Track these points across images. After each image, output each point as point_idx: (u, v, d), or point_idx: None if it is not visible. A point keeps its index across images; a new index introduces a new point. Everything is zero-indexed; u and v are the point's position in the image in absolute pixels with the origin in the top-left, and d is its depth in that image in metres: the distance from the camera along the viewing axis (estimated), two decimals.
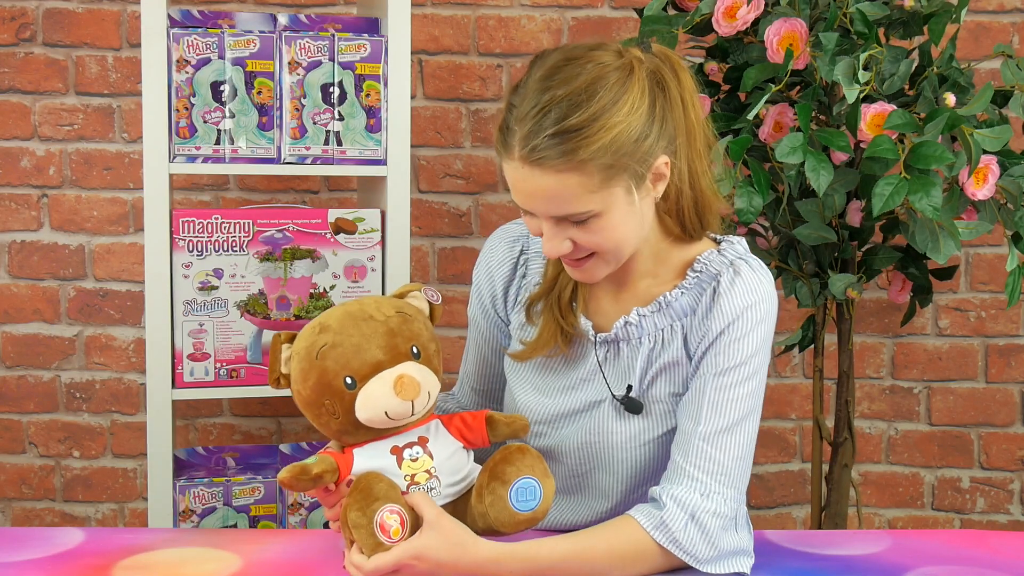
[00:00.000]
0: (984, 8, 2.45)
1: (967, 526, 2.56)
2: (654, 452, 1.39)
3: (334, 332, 1.24)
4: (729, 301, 1.34)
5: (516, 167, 1.25)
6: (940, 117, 1.69)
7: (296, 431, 2.48)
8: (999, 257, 2.49)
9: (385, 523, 1.19)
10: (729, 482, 1.31)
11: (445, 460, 1.27)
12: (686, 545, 1.28)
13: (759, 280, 1.36)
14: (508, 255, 1.50)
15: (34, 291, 2.42)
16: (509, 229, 1.53)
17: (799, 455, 2.57)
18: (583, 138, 1.22)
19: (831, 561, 1.35)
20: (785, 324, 2.52)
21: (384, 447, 1.26)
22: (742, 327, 1.33)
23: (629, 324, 1.39)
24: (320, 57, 1.94)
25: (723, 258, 1.38)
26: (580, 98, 1.23)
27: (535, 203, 1.27)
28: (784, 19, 1.77)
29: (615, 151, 1.23)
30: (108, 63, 2.38)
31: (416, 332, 1.27)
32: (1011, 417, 2.54)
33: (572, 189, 1.24)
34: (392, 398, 1.22)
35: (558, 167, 1.23)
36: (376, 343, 1.23)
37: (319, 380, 1.23)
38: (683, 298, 1.37)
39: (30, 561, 1.30)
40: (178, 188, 2.39)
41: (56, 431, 2.45)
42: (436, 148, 2.45)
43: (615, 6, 2.44)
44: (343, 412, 1.24)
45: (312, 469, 1.22)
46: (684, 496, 1.29)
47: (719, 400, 1.32)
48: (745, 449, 1.34)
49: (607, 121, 1.23)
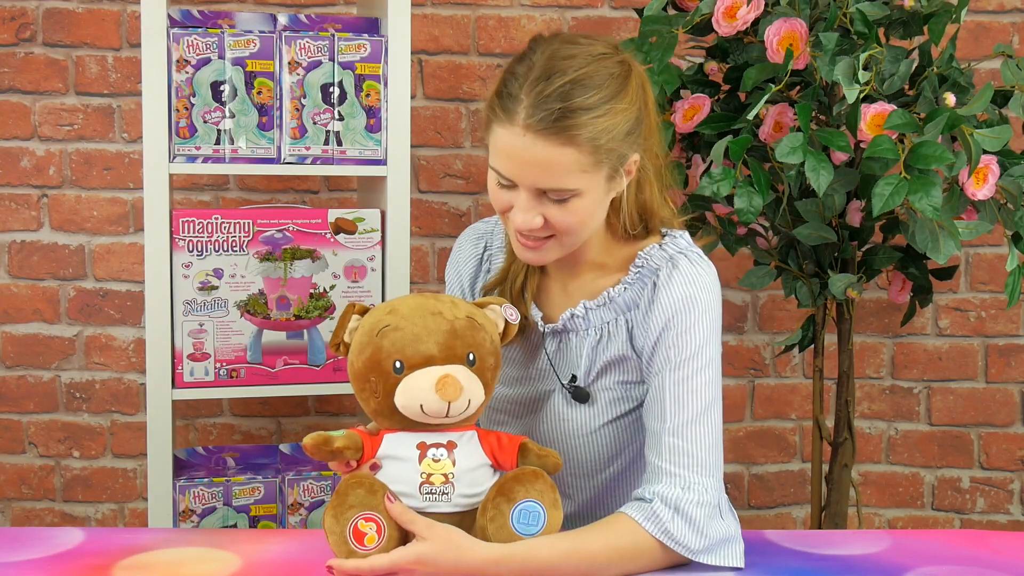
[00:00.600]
0: (984, 8, 2.45)
1: (967, 526, 2.56)
2: (605, 439, 1.43)
3: (401, 316, 1.27)
4: (668, 294, 1.37)
5: (516, 134, 1.28)
6: (940, 117, 1.69)
7: (296, 431, 2.48)
8: (999, 257, 2.49)
9: (360, 530, 1.20)
10: (705, 471, 1.33)
11: (466, 471, 1.26)
12: (677, 536, 1.29)
13: (697, 272, 1.39)
14: (473, 252, 1.56)
15: (34, 291, 2.42)
16: (475, 227, 1.59)
17: (799, 455, 2.57)
18: (590, 118, 1.27)
19: (831, 561, 1.35)
20: (785, 324, 2.52)
21: (412, 439, 1.26)
22: (686, 319, 1.36)
23: (575, 316, 1.43)
24: (320, 57, 1.94)
25: (664, 252, 1.41)
26: (590, 81, 1.28)
27: (525, 172, 1.30)
28: (784, 19, 1.77)
29: (611, 137, 1.29)
30: (108, 63, 2.38)
31: (479, 341, 1.28)
32: (1011, 417, 2.54)
33: (567, 164, 1.28)
34: (431, 393, 1.23)
35: (560, 140, 1.26)
36: (435, 339, 1.26)
37: (372, 356, 1.26)
38: (626, 293, 1.41)
39: (30, 561, 1.30)
40: (178, 188, 2.39)
41: (56, 431, 2.45)
42: (436, 148, 2.45)
43: (615, 6, 2.44)
44: (383, 393, 1.26)
45: (334, 442, 1.24)
46: (666, 492, 1.31)
47: (679, 394, 1.35)
48: (714, 437, 1.36)
49: (611, 108, 1.29)
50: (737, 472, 2.56)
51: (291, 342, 1.99)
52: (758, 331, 2.52)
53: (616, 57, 1.33)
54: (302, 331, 1.99)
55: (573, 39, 1.33)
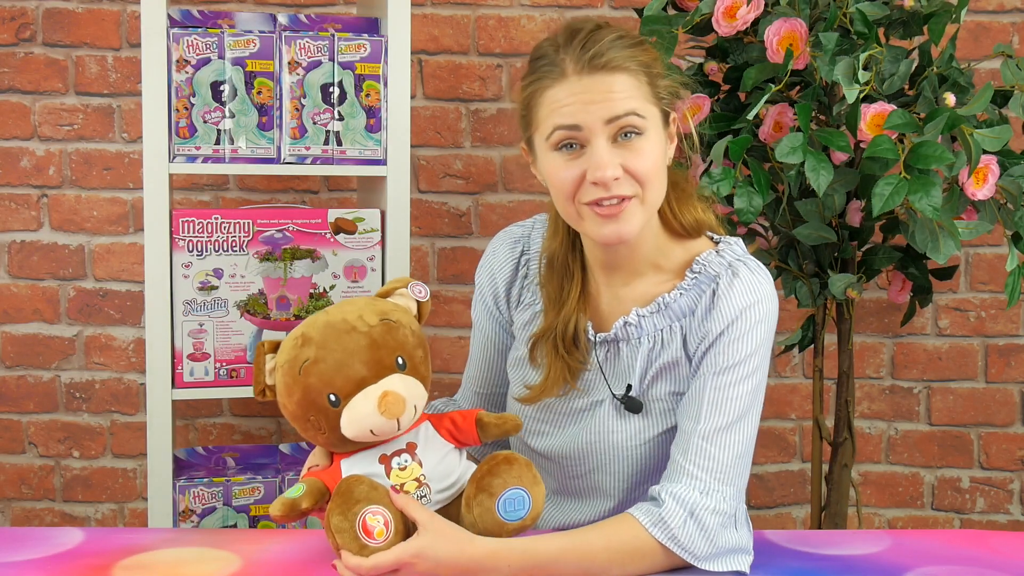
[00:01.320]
0: (984, 8, 2.45)
1: (967, 526, 2.56)
2: (653, 451, 1.40)
3: (316, 346, 1.22)
4: (728, 303, 1.35)
5: (572, 82, 1.32)
6: (940, 117, 1.69)
7: (295, 431, 2.47)
8: (999, 257, 2.49)
9: (368, 525, 1.19)
10: (728, 480, 1.32)
11: (435, 465, 1.26)
12: (684, 542, 1.28)
13: (758, 281, 1.37)
14: (510, 256, 1.52)
15: (34, 291, 2.42)
16: (511, 231, 1.55)
17: (799, 455, 2.57)
18: (628, 49, 1.33)
19: (831, 561, 1.35)
20: (785, 324, 2.51)
21: (372, 456, 1.25)
22: (741, 327, 1.35)
23: (628, 324, 1.40)
24: (320, 57, 1.94)
25: (722, 259, 1.40)
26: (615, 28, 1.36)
27: (591, 108, 1.31)
28: (784, 19, 1.77)
29: (657, 73, 1.36)
30: (108, 63, 2.38)
31: (401, 341, 1.24)
32: (1011, 417, 2.54)
33: (628, 88, 1.32)
34: (376, 416, 1.20)
35: (615, 69, 1.32)
36: (359, 358, 1.21)
37: (303, 396, 1.22)
38: (682, 299, 1.39)
39: (30, 561, 1.30)
40: (178, 188, 2.39)
41: (56, 431, 2.45)
42: (436, 148, 2.45)
43: (615, 6, 2.44)
44: (328, 428, 1.23)
45: (301, 503, 1.21)
46: (683, 494, 1.30)
47: (718, 399, 1.33)
48: (744, 447, 1.35)
49: (643, 47, 1.36)
50: None
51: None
52: None
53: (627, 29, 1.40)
54: None
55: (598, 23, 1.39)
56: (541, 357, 1.45)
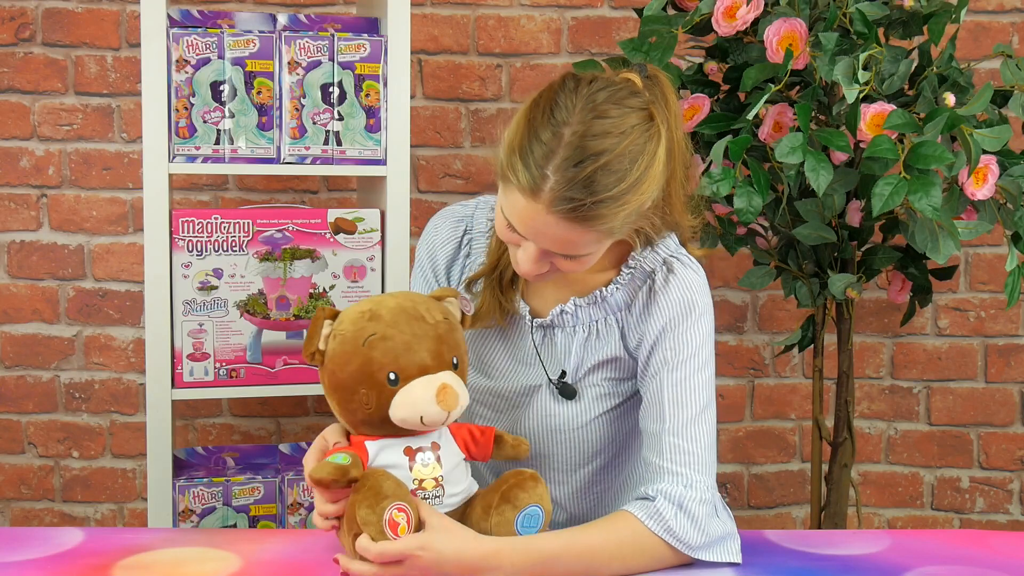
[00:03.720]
0: (984, 8, 2.45)
1: (966, 526, 2.56)
2: (591, 434, 1.45)
3: (385, 324, 1.23)
4: (666, 298, 1.39)
5: (538, 210, 1.24)
6: (940, 117, 1.69)
7: (295, 431, 2.48)
8: (999, 257, 2.49)
9: (394, 520, 1.19)
10: (705, 470, 1.35)
11: (450, 471, 1.27)
12: (679, 533, 1.30)
13: (693, 275, 1.41)
14: (452, 235, 1.52)
15: (33, 291, 2.42)
16: (453, 209, 1.55)
17: (799, 455, 2.57)
18: (615, 208, 1.25)
19: (831, 561, 1.35)
20: (785, 324, 2.52)
21: (398, 446, 1.25)
22: (684, 322, 1.38)
23: (564, 312, 1.44)
24: (320, 57, 1.94)
25: (656, 255, 1.42)
26: (620, 167, 1.24)
27: (540, 240, 1.28)
28: (784, 19, 1.77)
29: (637, 215, 1.29)
30: (107, 63, 2.38)
31: (458, 342, 1.27)
32: (1010, 417, 2.54)
33: (585, 241, 1.28)
34: (432, 405, 1.21)
35: (584, 227, 1.25)
36: (426, 346, 1.23)
37: (362, 368, 1.22)
38: (618, 293, 1.42)
39: (30, 561, 1.29)
40: (177, 188, 2.39)
41: (55, 431, 2.45)
42: (436, 148, 2.45)
43: (615, 6, 2.44)
44: (376, 405, 1.23)
45: (351, 471, 1.20)
46: (669, 490, 1.32)
47: (678, 394, 1.37)
48: (711, 437, 1.38)
49: (640, 188, 1.26)
50: (737, 472, 2.57)
51: (291, 342, 1.99)
52: (758, 331, 2.52)
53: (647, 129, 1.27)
54: (302, 331, 1.99)
55: (605, 110, 1.26)
56: (476, 293, 1.48)
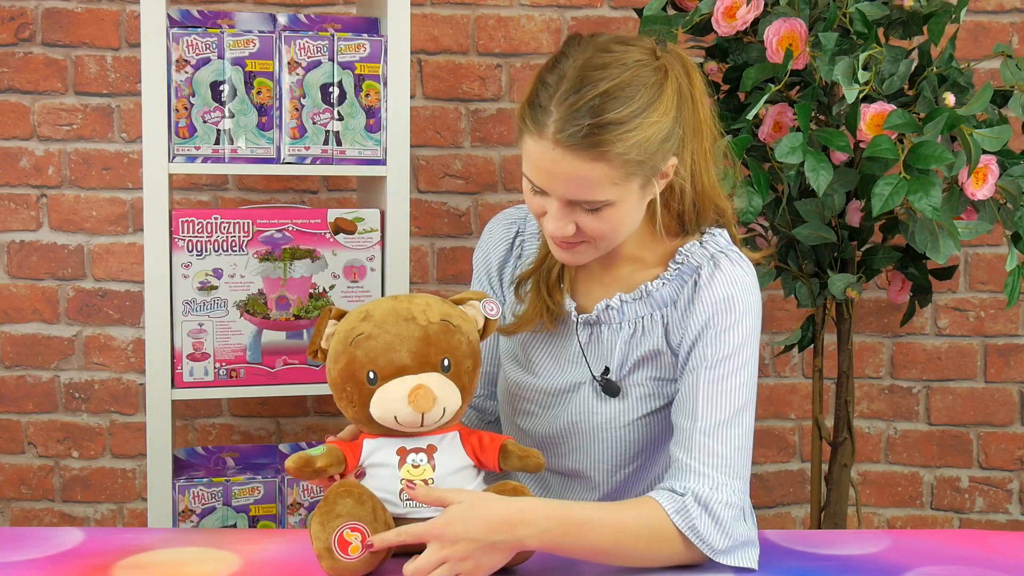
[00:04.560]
0: (983, 8, 2.45)
1: (966, 526, 2.56)
2: (633, 434, 1.43)
3: (374, 324, 1.26)
4: (710, 293, 1.36)
5: (546, 147, 1.27)
6: (940, 117, 1.69)
7: (295, 431, 2.48)
8: (998, 257, 2.49)
9: (345, 539, 1.20)
10: (734, 473, 1.32)
11: (447, 475, 1.27)
12: (703, 534, 1.27)
13: (740, 272, 1.38)
14: (504, 236, 1.54)
15: (33, 291, 2.42)
16: (508, 212, 1.57)
17: (798, 455, 2.57)
18: (619, 133, 1.25)
19: (830, 561, 1.35)
20: (785, 324, 2.52)
21: (392, 445, 1.27)
22: (726, 319, 1.35)
23: (610, 308, 1.42)
24: (320, 57, 1.94)
25: (704, 251, 1.40)
26: (622, 93, 1.25)
27: (555, 184, 1.29)
28: (784, 19, 1.77)
29: (644, 149, 1.27)
30: (107, 63, 2.38)
31: (453, 345, 1.27)
32: (1010, 417, 2.55)
33: (597, 178, 1.27)
34: (404, 405, 1.23)
35: (590, 155, 1.25)
36: (408, 347, 1.25)
37: (346, 366, 1.26)
38: (664, 289, 1.40)
39: (30, 561, 1.29)
40: (177, 188, 2.39)
41: (55, 431, 2.45)
42: (435, 148, 2.45)
43: (615, 6, 2.44)
44: (359, 403, 1.26)
45: (316, 462, 1.24)
46: (697, 490, 1.29)
47: (713, 393, 1.33)
48: (745, 440, 1.34)
49: (644, 120, 1.26)
50: None
51: (291, 342, 1.99)
52: None
53: (652, 64, 1.29)
54: (302, 331, 1.99)
55: (607, 45, 1.30)
56: (524, 293, 1.49)
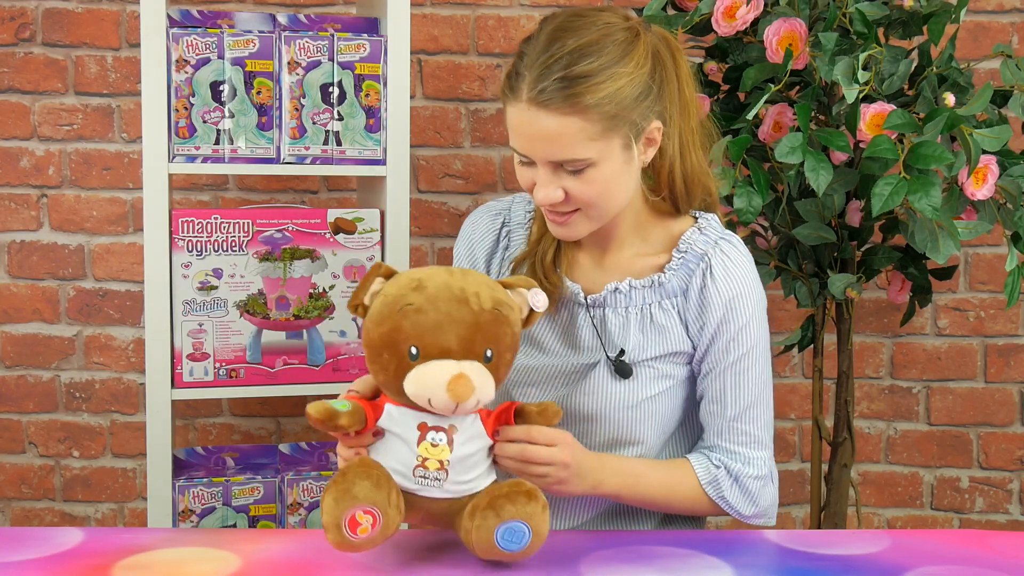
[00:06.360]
0: (983, 8, 2.45)
1: (966, 526, 2.56)
2: (643, 414, 1.45)
3: (426, 297, 1.22)
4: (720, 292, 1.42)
5: (522, 109, 1.30)
6: (940, 117, 1.69)
7: (295, 431, 2.48)
8: (998, 257, 2.49)
9: (356, 520, 1.19)
10: (762, 445, 1.46)
11: (463, 458, 1.25)
12: (732, 503, 1.45)
13: (743, 261, 1.45)
14: (490, 227, 1.55)
15: (33, 291, 2.42)
16: (491, 205, 1.58)
17: (798, 455, 2.57)
18: (590, 84, 1.28)
19: (830, 561, 1.35)
20: (785, 324, 2.52)
21: (415, 418, 1.24)
22: (740, 318, 1.42)
23: (619, 291, 1.44)
24: (319, 57, 1.94)
25: (706, 237, 1.44)
26: (590, 49, 1.29)
27: (535, 146, 1.31)
28: (783, 19, 1.77)
29: (617, 103, 1.30)
30: (107, 63, 2.38)
31: (500, 336, 1.24)
32: (1010, 417, 2.55)
33: (574, 134, 1.29)
34: (442, 391, 1.19)
35: (563, 110, 1.28)
36: (456, 331, 1.21)
37: (389, 334, 1.22)
38: (674, 279, 1.44)
39: (30, 561, 1.29)
40: (177, 188, 2.39)
41: (56, 431, 2.45)
42: (435, 148, 2.45)
43: (615, 6, 2.44)
44: (394, 374, 1.22)
45: (340, 419, 1.21)
46: (729, 464, 1.44)
47: (738, 384, 1.43)
48: (769, 414, 1.47)
49: (613, 72, 1.30)
50: None
51: (291, 342, 1.99)
52: None
53: (622, 25, 1.34)
54: (302, 331, 1.99)
55: (581, 12, 1.35)
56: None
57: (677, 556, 1.31)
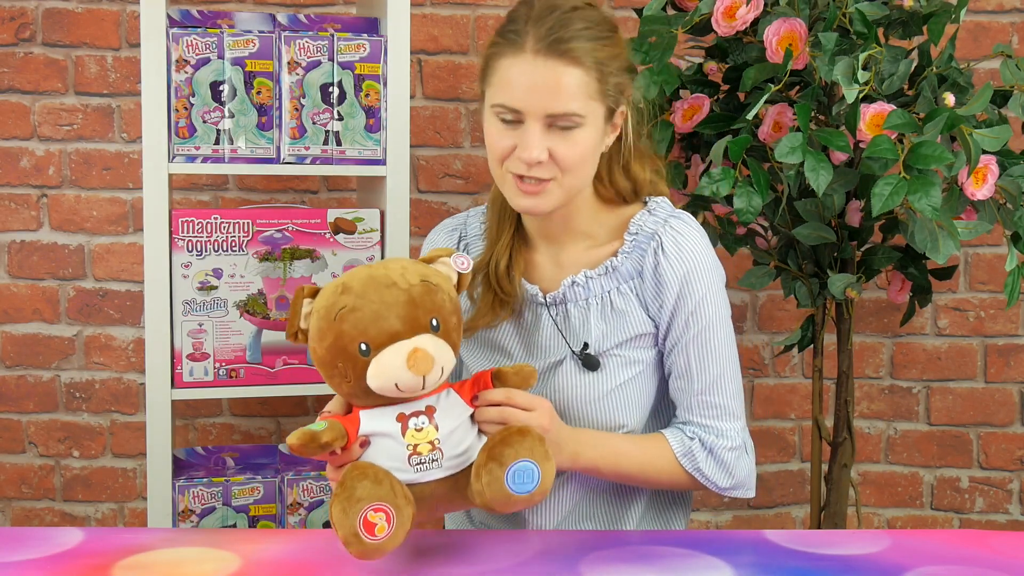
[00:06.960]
0: (983, 8, 2.45)
1: (966, 526, 2.56)
2: (613, 403, 1.48)
3: (355, 295, 1.24)
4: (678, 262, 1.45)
5: (526, 60, 1.35)
6: (939, 117, 1.69)
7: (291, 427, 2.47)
8: (998, 257, 2.49)
9: (370, 521, 1.19)
10: (732, 416, 1.49)
11: (450, 432, 1.26)
12: (708, 475, 1.47)
13: (695, 235, 1.47)
14: (448, 242, 1.60)
15: (34, 291, 2.42)
16: (446, 223, 1.63)
17: (798, 455, 2.57)
18: (591, 41, 1.36)
19: (830, 561, 1.35)
20: (785, 324, 2.52)
21: (391, 413, 1.25)
22: (697, 292, 1.45)
23: (576, 284, 1.47)
24: (319, 57, 1.94)
25: (656, 218, 1.48)
26: (587, 16, 1.39)
27: (533, 98, 1.35)
28: (783, 19, 1.77)
29: (616, 68, 1.40)
30: (107, 63, 2.38)
31: (439, 304, 1.25)
32: (1010, 417, 2.55)
33: (577, 86, 1.36)
34: (404, 371, 1.21)
35: (567, 60, 1.35)
36: (396, 312, 1.23)
37: (335, 342, 1.24)
38: (627, 262, 1.47)
39: (30, 561, 1.30)
40: (177, 188, 2.39)
41: (56, 431, 2.45)
42: (435, 148, 2.45)
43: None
44: (355, 377, 1.24)
45: (321, 437, 1.21)
46: (703, 436, 1.47)
47: (702, 356, 1.46)
48: (737, 384, 1.50)
49: (609, 39, 1.40)
50: None
51: (290, 342, 1.99)
52: (757, 331, 2.53)
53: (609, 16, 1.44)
54: None
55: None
56: (476, 294, 1.53)
57: (677, 556, 1.32)
